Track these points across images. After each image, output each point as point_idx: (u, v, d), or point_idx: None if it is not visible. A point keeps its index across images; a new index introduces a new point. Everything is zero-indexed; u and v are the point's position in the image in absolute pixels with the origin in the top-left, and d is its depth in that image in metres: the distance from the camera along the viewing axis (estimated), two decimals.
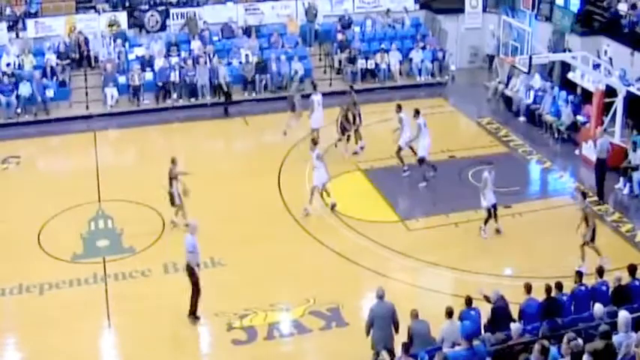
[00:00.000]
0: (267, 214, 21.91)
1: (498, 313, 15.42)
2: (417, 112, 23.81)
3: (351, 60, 31.93)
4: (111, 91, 29.53)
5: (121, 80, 30.01)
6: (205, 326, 17.65)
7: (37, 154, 27.32)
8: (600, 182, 22.94)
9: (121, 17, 32.08)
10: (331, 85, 31.45)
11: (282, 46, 32.24)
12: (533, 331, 14.55)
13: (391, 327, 15.11)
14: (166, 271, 19.52)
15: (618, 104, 24.34)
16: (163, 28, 32.46)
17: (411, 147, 24.13)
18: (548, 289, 15.45)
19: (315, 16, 33.56)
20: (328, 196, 22.25)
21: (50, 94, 29.21)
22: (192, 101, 30.30)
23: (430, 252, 20.06)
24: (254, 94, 30.75)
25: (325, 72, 32.23)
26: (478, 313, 15.44)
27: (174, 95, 30.26)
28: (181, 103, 30.21)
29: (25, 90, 28.77)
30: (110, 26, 31.82)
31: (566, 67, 28.88)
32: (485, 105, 30.63)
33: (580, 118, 26.59)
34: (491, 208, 20.67)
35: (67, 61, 30.61)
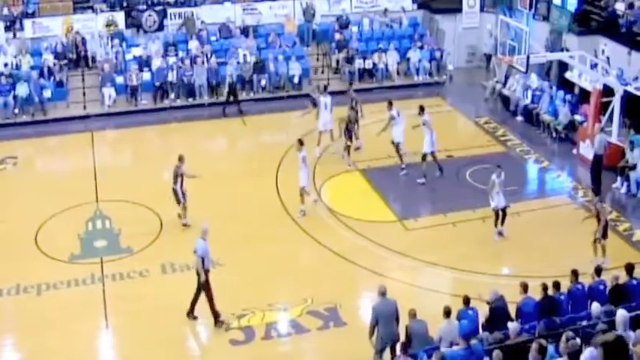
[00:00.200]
0: (265, 214, 21.90)
1: (497, 312, 15.42)
2: (421, 109, 23.93)
3: (349, 60, 31.94)
4: (108, 91, 29.52)
5: (118, 80, 30.00)
6: (203, 326, 17.62)
7: (34, 155, 27.30)
8: (597, 178, 22.98)
9: (119, 17, 32.08)
10: (329, 84, 31.40)
11: (280, 46, 32.23)
12: (531, 330, 14.54)
13: (395, 323, 15.09)
14: (164, 271, 19.49)
15: (615, 103, 24.37)
16: (161, 28, 32.45)
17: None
18: (544, 287, 15.50)
19: (312, 15, 33.57)
20: (306, 196, 22.12)
21: (47, 94, 29.19)
22: (190, 101, 30.28)
23: (428, 251, 20.06)
24: (252, 94, 30.73)
25: (323, 72, 32.23)
26: (476, 312, 15.46)
27: (171, 95, 30.26)
28: (179, 103, 30.20)
29: (22, 90, 28.76)
30: (107, 26, 31.80)
31: (563, 66, 28.90)
32: (483, 104, 30.65)
33: (577, 118, 26.64)
34: (499, 211, 20.63)
35: (65, 61, 30.64)
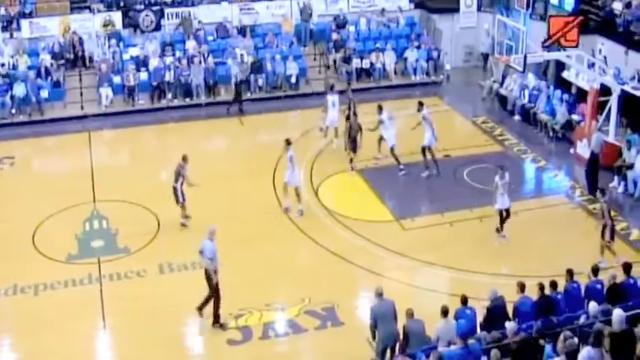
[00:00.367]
0: (263, 214, 21.88)
1: (495, 312, 15.43)
2: (420, 104, 24.09)
3: (346, 59, 31.93)
4: (106, 91, 29.51)
5: (115, 80, 29.99)
6: (200, 326, 17.59)
7: (31, 155, 27.29)
8: (594, 177, 23.02)
9: (116, 17, 32.07)
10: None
11: (277, 46, 32.21)
12: (528, 329, 14.55)
13: (394, 323, 15.08)
14: (161, 271, 19.49)
15: (613, 103, 24.38)
16: (158, 27, 32.44)
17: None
18: (541, 287, 15.50)
19: (309, 15, 33.54)
20: (284, 197, 22.12)
21: (45, 94, 29.18)
22: (187, 101, 30.27)
23: (425, 251, 20.06)
24: (249, 94, 30.70)
25: (320, 72, 32.22)
26: (473, 312, 15.46)
27: (169, 95, 30.25)
28: (176, 103, 30.20)
29: (19, 90, 28.75)
30: (105, 26, 31.80)
31: (560, 65, 28.89)
32: (480, 104, 30.66)
33: (575, 117, 26.65)
34: (503, 212, 20.60)
35: (62, 61, 30.62)
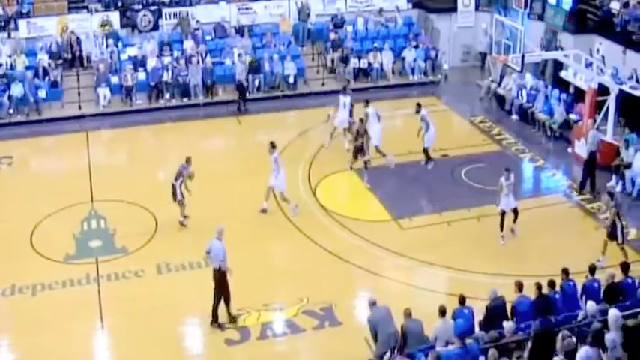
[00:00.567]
0: (261, 214, 21.87)
1: (495, 311, 15.45)
2: (418, 105, 24.21)
3: (344, 59, 31.91)
4: (103, 91, 29.48)
5: (113, 80, 29.95)
6: (198, 326, 17.65)
7: (29, 155, 27.26)
8: (592, 175, 23.07)
9: (114, 17, 32.02)
10: (324, 84, 31.48)
11: (275, 46, 32.20)
12: (526, 329, 14.57)
13: (393, 325, 15.06)
14: (159, 271, 19.49)
15: (610, 102, 24.39)
16: (156, 27, 32.41)
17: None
18: (539, 286, 15.53)
19: (307, 15, 33.54)
20: (266, 200, 22.02)
21: (42, 94, 29.14)
22: (185, 101, 30.25)
23: (423, 251, 20.07)
24: (247, 94, 30.66)
25: (318, 71, 32.21)
26: (471, 311, 15.50)
27: (166, 95, 30.20)
28: (174, 102, 30.16)
29: (17, 90, 28.69)
30: (102, 26, 31.76)
31: (558, 65, 28.93)
32: (478, 104, 30.67)
33: (572, 117, 26.68)
34: (508, 212, 20.57)
35: (60, 61, 30.58)
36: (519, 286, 15.77)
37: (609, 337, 13.30)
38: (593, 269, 16.44)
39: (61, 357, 16.59)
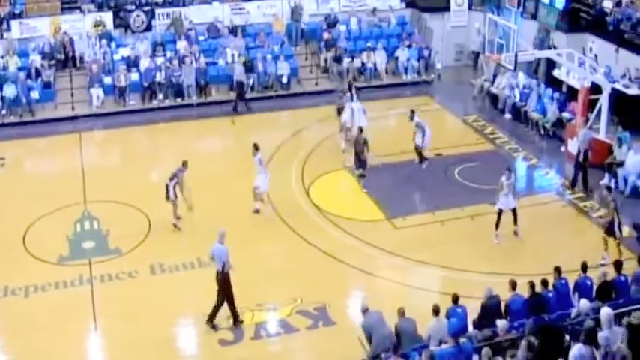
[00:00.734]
0: (255, 214, 21.84)
1: (490, 310, 15.47)
2: (412, 112, 24.11)
3: (337, 59, 31.89)
4: (96, 92, 29.43)
5: (106, 81, 29.90)
6: (192, 327, 17.63)
7: (22, 156, 27.19)
8: (584, 173, 23.13)
9: (107, 17, 31.97)
10: (317, 84, 31.46)
11: (268, 46, 32.16)
12: (520, 327, 14.57)
13: (386, 327, 15.04)
14: (153, 272, 19.46)
15: (603, 101, 24.43)
16: (149, 28, 32.37)
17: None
18: (532, 285, 15.55)
19: (300, 15, 33.51)
20: (255, 200, 21.91)
21: (35, 95, 29.09)
22: (178, 101, 30.20)
23: (417, 250, 20.07)
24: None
25: (311, 71, 32.19)
26: (465, 310, 15.51)
27: (160, 95, 30.16)
28: (167, 103, 30.12)
29: (9, 91, 28.64)
30: (96, 27, 31.70)
31: (551, 64, 28.97)
32: (471, 103, 30.68)
33: (565, 115, 26.70)
34: (507, 212, 20.54)
35: (53, 62, 30.52)
36: (513, 285, 15.80)
37: (602, 335, 13.31)
38: (585, 267, 16.45)
39: (54, 358, 16.56)
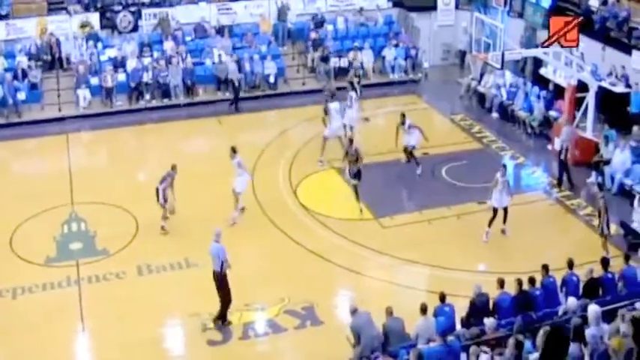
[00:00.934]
0: (241, 214, 21.81)
1: (479, 307, 15.50)
2: (403, 116, 24.01)
3: (325, 58, 31.88)
4: (83, 93, 29.37)
5: (93, 82, 29.82)
6: (180, 327, 17.61)
7: (9, 157, 27.04)
8: (566, 169, 23.22)
9: (93, 18, 31.88)
10: (304, 84, 31.46)
11: (255, 46, 32.12)
12: (508, 326, 14.60)
13: (374, 328, 15.02)
14: (140, 273, 19.42)
15: (590, 99, 24.52)
16: (136, 28, 32.31)
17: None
18: (519, 282, 15.59)
19: (286, 15, 33.49)
20: (235, 205, 21.68)
21: (22, 96, 28.99)
22: (166, 102, 30.15)
23: (404, 249, 20.08)
24: (227, 94, 30.61)
25: (298, 71, 32.19)
26: (452, 309, 15.51)
27: (147, 96, 30.11)
28: (154, 103, 30.07)
29: None
30: (82, 27, 31.61)
31: (538, 62, 29.02)
32: (459, 102, 30.73)
33: (552, 114, 26.77)
34: (500, 209, 20.51)
35: (39, 63, 30.41)
36: (501, 283, 15.81)
37: (590, 332, 13.35)
38: (571, 264, 16.51)
39: None
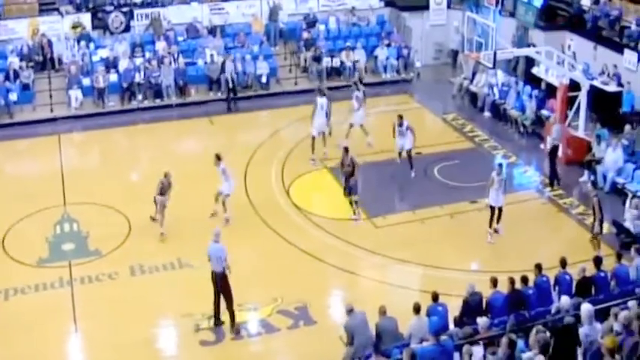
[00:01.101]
0: (234, 213, 21.76)
1: (472, 306, 15.51)
2: (400, 117, 23.91)
3: (317, 58, 31.87)
4: (75, 94, 29.29)
5: (85, 82, 29.74)
6: (173, 328, 17.59)
7: (0, 158, 26.92)
8: (554, 168, 23.30)
9: (85, 19, 31.80)
10: (297, 84, 31.46)
11: (247, 46, 32.09)
12: (500, 325, 14.62)
13: (368, 330, 15.02)
14: (133, 273, 19.39)
15: (582, 98, 24.56)
16: (128, 29, 32.23)
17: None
18: (511, 281, 15.61)
19: (278, 14, 33.47)
20: (224, 210, 21.50)
21: (14, 97, 28.89)
22: (158, 102, 30.09)
23: (397, 248, 20.09)
24: (219, 94, 30.59)
25: (290, 71, 32.17)
26: (445, 308, 15.52)
27: (139, 96, 30.04)
28: (146, 104, 30.00)
29: None
30: (74, 28, 31.53)
31: (530, 62, 29.08)
32: (451, 101, 30.74)
33: (544, 113, 26.80)
34: (496, 208, 20.48)
35: (31, 63, 30.32)
36: (494, 282, 15.82)
37: (583, 331, 13.39)
38: (564, 263, 16.54)
39: None
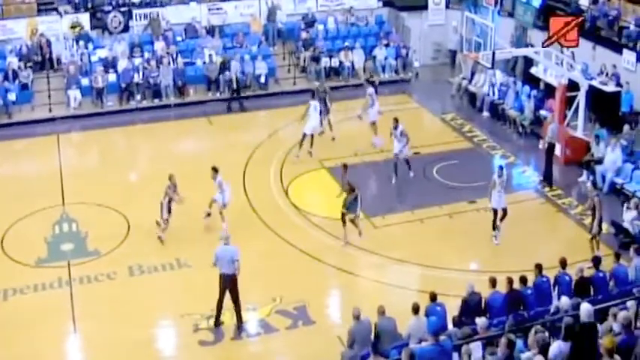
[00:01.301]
0: (232, 214, 21.72)
1: (471, 306, 15.51)
2: (396, 120, 23.77)
3: (315, 58, 31.87)
4: (74, 94, 29.28)
5: (84, 82, 29.73)
6: (172, 328, 17.59)
7: None
8: (549, 167, 23.32)
9: (84, 19, 31.81)
10: (295, 84, 31.45)
11: (246, 46, 32.10)
12: (499, 325, 14.61)
13: (371, 337, 14.95)
14: (131, 273, 19.38)
15: (581, 98, 24.58)
16: (126, 29, 32.25)
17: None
18: (510, 281, 15.61)
19: (276, 14, 33.48)
20: (222, 219, 21.19)
21: (12, 97, 28.90)
22: (156, 102, 30.09)
23: (396, 248, 20.11)
24: (218, 94, 30.59)
25: (289, 71, 32.17)
26: (444, 308, 15.51)
27: (137, 96, 30.05)
28: (145, 104, 30.01)
29: None
30: (72, 28, 31.54)
31: (528, 62, 29.09)
32: (449, 101, 30.76)
33: (543, 113, 26.80)
34: (499, 210, 20.46)
35: (30, 63, 30.31)
36: (493, 282, 15.81)
37: None
38: (564, 263, 16.53)
39: None
